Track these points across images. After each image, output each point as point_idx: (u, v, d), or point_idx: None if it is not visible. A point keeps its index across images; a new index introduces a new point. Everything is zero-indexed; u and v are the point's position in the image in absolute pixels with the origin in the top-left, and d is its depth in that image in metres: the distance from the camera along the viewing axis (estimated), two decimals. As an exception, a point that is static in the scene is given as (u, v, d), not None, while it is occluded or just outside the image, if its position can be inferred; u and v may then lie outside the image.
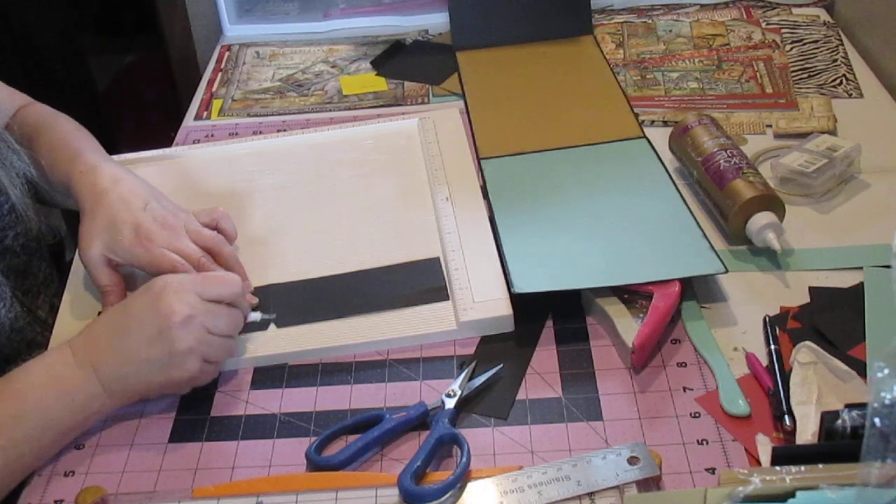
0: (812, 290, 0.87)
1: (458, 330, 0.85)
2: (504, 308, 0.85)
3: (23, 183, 0.91)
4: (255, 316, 0.85)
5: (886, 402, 0.57)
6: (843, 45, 1.26)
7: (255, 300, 0.89)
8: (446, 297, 0.88)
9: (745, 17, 1.34)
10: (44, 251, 0.98)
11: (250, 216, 1.01)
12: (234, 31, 1.44)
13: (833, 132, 1.07)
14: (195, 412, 0.80)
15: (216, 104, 1.26)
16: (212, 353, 0.78)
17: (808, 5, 1.36)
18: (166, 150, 1.13)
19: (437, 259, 0.92)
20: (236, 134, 1.19)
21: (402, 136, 1.11)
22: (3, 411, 0.73)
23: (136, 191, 0.89)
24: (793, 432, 0.72)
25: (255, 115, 1.23)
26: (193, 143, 1.18)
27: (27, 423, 0.73)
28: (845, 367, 0.76)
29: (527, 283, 0.86)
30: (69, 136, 0.97)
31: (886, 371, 0.58)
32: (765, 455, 0.71)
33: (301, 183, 1.05)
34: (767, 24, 1.31)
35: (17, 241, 0.92)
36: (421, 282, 0.90)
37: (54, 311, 0.92)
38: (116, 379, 0.76)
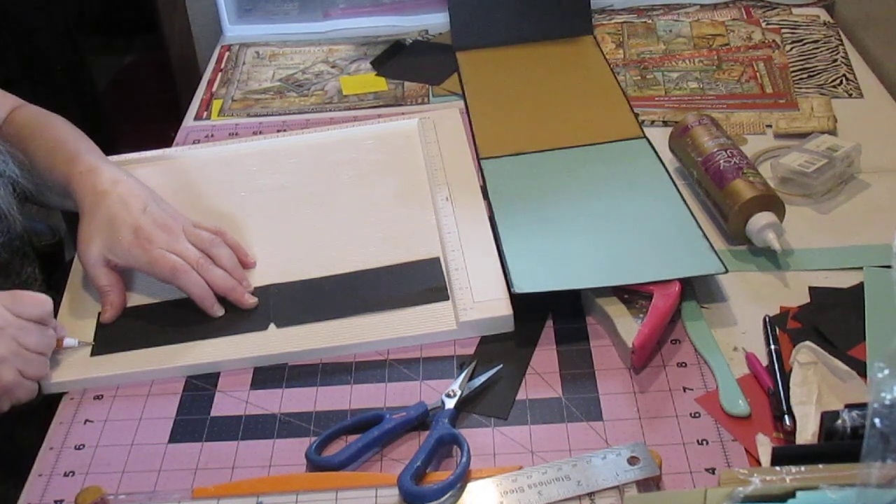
0: (812, 290, 0.87)
1: (458, 330, 0.85)
2: (504, 308, 0.85)
3: (6, 183, 0.90)
4: (72, 342, 0.85)
5: (886, 402, 0.57)
6: (843, 45, 1.26)
7: (254, 300, 0.89)
8: (446, 297, 0.88)
9: (745, 17, 1.34)
10: (28, 250, 0.98)
11: (250, 217, 1.01)
12: (234, 31, 1.44)
13: (833, 132, 1.07)
14: (195, 412, 0.80)
15: (216, 104, 1.26)
16: (27, 369, 0.78)
17: (808, 5, 1.36)
18: (166, 151, 1.13)
19: (438, 259, 0.92)
20: (236, 134, 1.19)
21: (402, 136, 1.11)
22: None
23: (135, 193, 0.89)
24: (793, 432, 0.72)
25: (255, 116, 1.23)
26: (193, 143, 1.18)
27: None
28: (845, 367, 0.76)
29: (527, 283, 0.86)
30: (66, 137, 0.97)
31: (886, 371, 0.58)
32: (765, 455, 0.71)
33: (301, 183, 1.05)
34: (767, 24, 1.31)
35: None
36: (421, 282, 0.90)
37: None
38: None
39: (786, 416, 0.73)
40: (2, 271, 0.92)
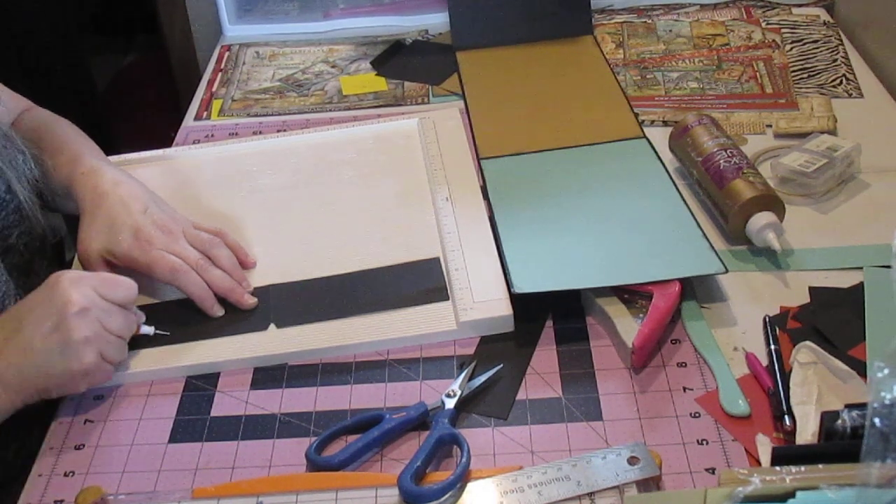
0: (812, 290, 0.87)
1: (458, 330, 0.85)
2: (504, 308, 0.85)
3: (28, 182, 0.91)
4: (149, 330, 0.85)
5: (886, 402, 0.57)
6: (843, 45, 1.26)
7: (254, 300, 0.89)
8: (447, 297, 0.88)
9: (745, 16, 1.34)
10: (47, 251, 0.98)
11: (250, 217, 1.01)
12: (234, 31, 1.44)
13: (833, 132, 1.07)
14: (195, 412, 0.80)
15: (216, 104, 1.26)
16: (108, 351, 0.78)
17: (808, 5, 1.36)
18: (166, 151, 1.13)
19: (437, 259, 0.92)
20: (236, 134, 1.19)
21: (402, 136, 1.11)
22: None
23: (136, 194, 0.90)
24: (793, 432, 0.72)
25: (255, 116, 1.23)
26: (193, 143, 1.18)
27: None
28: (845, 367, 0.76)
29: (527, 283, 0.86)
30: (70, 139, 0.98)
31: (886, 371, 0.58)
32: (765, 455, 0.71)
33: (301, 183, 1.05)
34: (767, 24, 1.31)
35: (20, 239, 0.92)
36: (421, 282, 0.90)
37: None
38: (14, 373, 0.75)
39: (786, 416, 0.73)
40: (23, 271, 0.92)
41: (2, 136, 0.90)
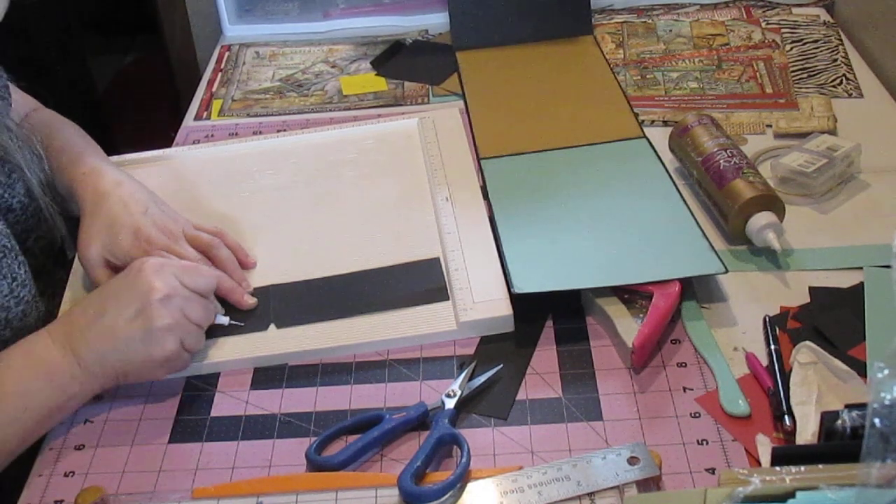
0: (812, 290, 0.87)
1: (458, 330, 0.85)
2: (504, 308, 0.85)
3: (46, 185, 0.92)
4: (224, 320, 0.85)
5: (886, 402, 0.57)
6: (843, 44, 1.26)
7: (254, 301, 0.89)
8: (446, 297, 0.88)
9: (745, 16, 1.34)
10: (56, 253, 0.99)
11: (250, 217, 1.01)
12: (234, 31, 1.44)
13: (833, 132, 1.07)
14: (195, 412, 0.80)
15: (216, 104, 1.26)
16: (188, 339, 0.79)
17: (808, 5, 1.36)
18: (166, 151, 1.13)
19: (437, 259, 0.92)
20: (236, 134, 1.19)
21: (402, 135, 1.11)
22: None
23: (136, 195, 0.90)
24: (793, 432, 0.72)
25: (255, 116, 1.23)
26: (193, 143, 1.18)
27: (7, 406, 0.74)
28: (845, 367, 0.76)
29: (527, 283, 0.86)
30: (73, 139, 0.99)
31: (886, 371, 0.58)
32: (765, 455, 0.71)
33: (301, 183, 1.05)
34: (767, 24, 1.31)
35: (37, 243, 0.94)
36: (421, 282, 0.90)
37: None
38: (95, 358, 0.76)
39: (786, 416, 0.73)
40: (37, 274, 0.92)
41: (20, 137, 0.91)
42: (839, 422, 0.67)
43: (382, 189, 1.03)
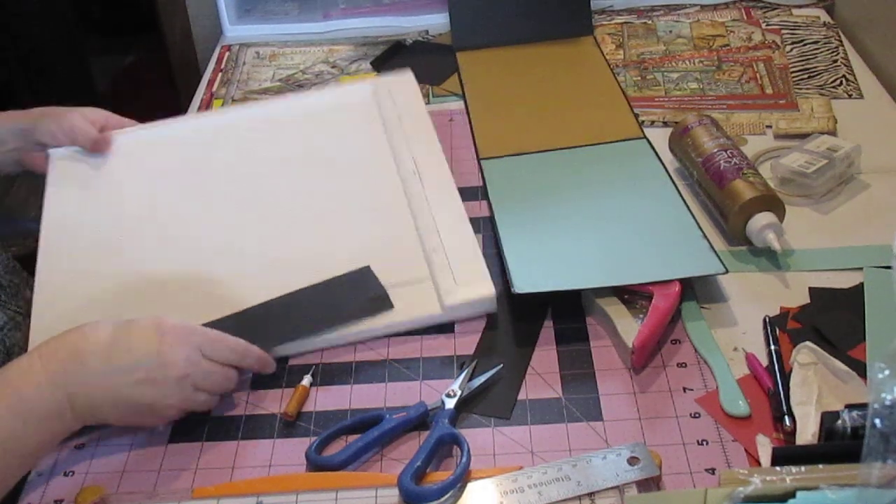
0: (812, 290, 0.87)
1: (444, 314, 0.85)
2: (486, 288, 0.85)
3: None
4: (308, 380, 0.81)
5: (887, 402, 0.57)
6: (843, 45, 1.26)
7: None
8: (390, 306, 0.85)
9: (745, 17, 1.34)
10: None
11: (183, 221, 0.95)
12: (234, 31, 1.44)
13: (833, 133, 1.07)
14: (195, 412, 0.80)
15: (216, 104, 1.26)
16: (190, 407, 0.77)
17: (808, 6, 1.36)
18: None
19: (368, 267, 0.88)
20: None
21: (358, 106, 1.07)
22: None
23: None
24: (793, 433, 0.72)
25: (256, 116, 1.23)
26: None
27: None
28: (845, 368, 0.76)
29: (527, 284, 0.86)
30: None
31: (887, 372, 0.58)
32: (765, 455, 0.71)
33: (244, 178, 1.00)
34: (767, 25, 1.31)
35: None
36: (361, 293, 0.86)
37: None
38: (90, 406, 0.73)
39: (786, 417, 0.73)
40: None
41: None
42: (839, 422, 0.67)
43: (346, 176, 0.99)
